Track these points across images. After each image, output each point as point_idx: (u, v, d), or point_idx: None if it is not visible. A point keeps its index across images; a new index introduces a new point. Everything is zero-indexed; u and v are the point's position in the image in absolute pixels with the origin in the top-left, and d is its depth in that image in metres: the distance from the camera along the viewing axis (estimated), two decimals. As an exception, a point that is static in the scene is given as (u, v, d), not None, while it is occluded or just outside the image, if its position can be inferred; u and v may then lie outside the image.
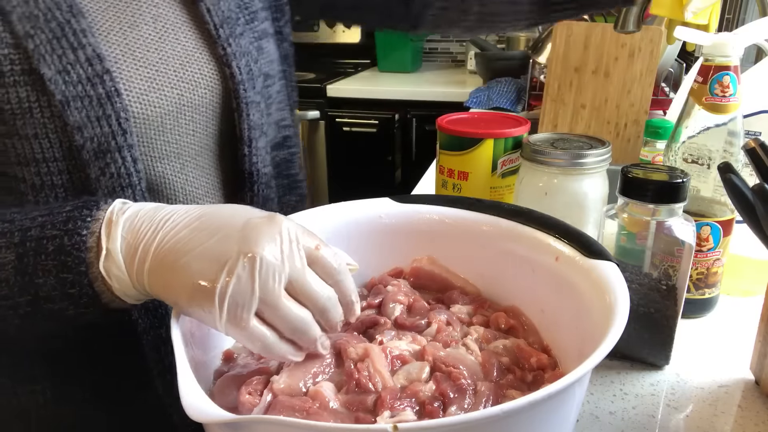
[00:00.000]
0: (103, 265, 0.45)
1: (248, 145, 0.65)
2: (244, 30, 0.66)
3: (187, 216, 0.45)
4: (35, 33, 0.52)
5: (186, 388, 0.37)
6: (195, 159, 0.63)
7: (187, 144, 0.62)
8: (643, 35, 1.29)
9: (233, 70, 0.63)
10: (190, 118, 0.62)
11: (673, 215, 0.59)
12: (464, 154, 0.74)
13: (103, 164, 0.54)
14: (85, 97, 0.53)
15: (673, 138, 0.70)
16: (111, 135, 0.54)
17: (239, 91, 0.63)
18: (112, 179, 0.55)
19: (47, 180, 0.54)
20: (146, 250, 0.44)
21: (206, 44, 0.63)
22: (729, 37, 0.65)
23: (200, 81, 0.62)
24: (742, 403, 0.58)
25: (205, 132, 0.63)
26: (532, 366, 0.49)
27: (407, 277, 0.62)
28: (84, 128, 0.53)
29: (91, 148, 0.54)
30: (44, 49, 0.52)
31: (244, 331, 0.42)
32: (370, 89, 2.42)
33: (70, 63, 0.53)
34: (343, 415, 0.43)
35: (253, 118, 0.65)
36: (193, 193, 0.64)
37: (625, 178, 0.59)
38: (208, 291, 0.41)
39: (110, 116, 0.54)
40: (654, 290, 0.59)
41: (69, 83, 0.52)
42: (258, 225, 0.43)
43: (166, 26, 0.61)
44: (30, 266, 0.46)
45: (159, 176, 0.61)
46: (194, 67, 0.62)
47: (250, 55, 0.66)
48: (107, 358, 0.61)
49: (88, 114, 0.53)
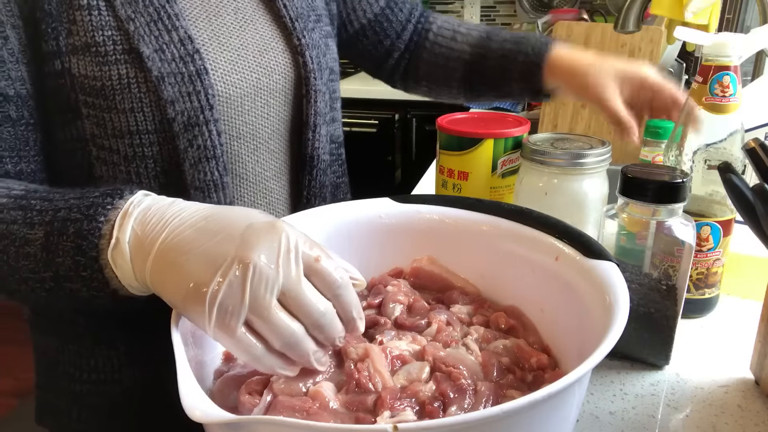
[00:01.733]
0: (110, 253, 0.46)
1: (313, 131, 0.71)
2: (315, 26, 0.73)
3: (195, 215, 0.45)
4: (135, 16, 0.58)
5: (186, 388, 0.37)
6: (267, 142, 0.69)
7: (261, 126, 0.68)
8: (643, 35, 1.29)
9: (306, 59, 0.70)
10: (265, 101, 0.68)
11: (673, 215, 0.59)
12: (464, 154, 0.74)
13: (191, 136, 0.60)
14: (178, 74, 0.59)
15: (673, 138, 0.70)
16: (200, 109, 0.59)
17: (310, 79, 0.70)
18: (198, 150, 0.60)
19: (139, 151, 0.60)
20: (152, 244, 0.44)
21: (282, 35, 0.70)
22: (729, 37, 0.65)
23: (276, 68, 0.69)
24: (742, 403, 0.58)
25: (278, 116, 0.70)
26: (532, 366, 0.49)
27: (407, 277, 0.62)
28: (176, 102, 0.59)
29: (181, 121, 0.59)
30: (143, 30, 0.58)
31: (232, 339, 0.41)
32: (370, 89, 2.42)
33: (165, 43, 0.59)
34: (343, 415, 0.43)
35: (320, 106, 0.71)
36: (263, 174, 0.70)
37: (625, 178, 0.59)
38: (200, 294, 0.40)
39: (199, 92, 0.59)
40: (654, 290, 0.59)
41: (164, 61, 0.58)
42: (258, 230, 0.42)
43: (245, 17, 0.68)
44: (53, 245, 0.48)
45: (235, 155, 0.66)
46: (271, 54, 0.68)
47: (319, 48, 0.72)
48: None
49: (180, 89, 0.59)
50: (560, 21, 1.39)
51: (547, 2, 2.62)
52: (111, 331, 0.67)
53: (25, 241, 0.49)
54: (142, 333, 0.65)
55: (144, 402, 0.68)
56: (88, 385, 0.68)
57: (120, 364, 0.67)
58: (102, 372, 0.67)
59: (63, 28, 0.57)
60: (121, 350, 0.67)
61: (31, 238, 0.49)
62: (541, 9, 2.62)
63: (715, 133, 0.67)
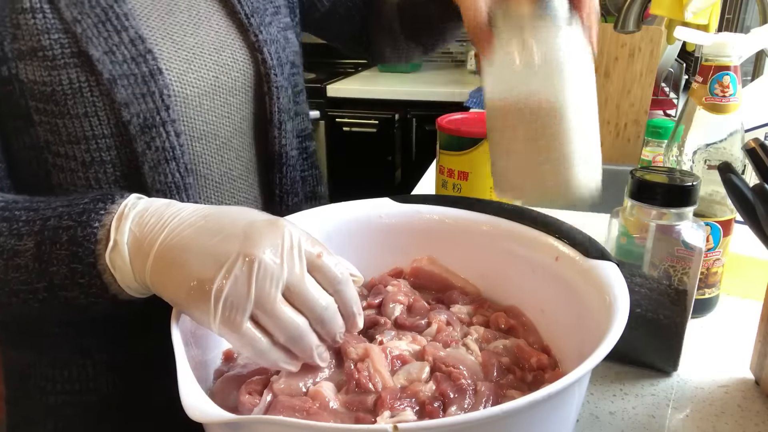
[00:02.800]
0: (108, 255, 0.45)
1: (278, 128, 0.70)
2: (273, 20, 0.71)
3: (194, 214, 0.45)
4: (82, 18, 0.56)
5: (186, 388, 0.37)
6: (230, 141, 0.67)
7: (222, 125, 0.66)
8: (643, 35, 1.29)
9: (264, 56, 0.68)
10: (225, 100, 0.66)
11: (683, 219, 0.58)
12: (464, 154, 0.74)
13: (148, 138, 0.58)
14: (130, 75, 0.57)
15: (674, 138, 0.70)
16: (156, 110, 0.58)
17: (270, 75, 0.68)
18: (157, 152, 0.58)
19: (96, 156, 0.58)
20: (151, 244, 0.44)
21: (238, 32, 0.68)
22: (729, 37, 0.65)
23: (234, 65, 0.67)
24: (742, 403, 0.58)
25: (239, 114, 0.68)
26: (532, 366, 0.49)
27: (407, 277, 0.62)
28: (130, 104, 0.57)
29: (137, 123, 0.57)
30: (91, 32, 0.56)
31: (237, 334, 0.41)
32: (370, 89, 2.42)
33: (115, 44, 0.57)
34: (343, 415, 0.43)
35: (283, 102, 0.70)
36: (229, 174, 0.68)
37: (636, 181, 0.58)
38: (204, 290, 0.41)
39: (154, 93, 0.58)
40: (664, 295, 0.58)
41: (115, 63, 0.56)
42: (260, 228, 0.43)
43: (200, 14, 0.66)
44: (46, 254, 0.47)
45: (198, 156, 0.64)
46: (228, 52, 0.66)
47: (278, 43, 0.71)
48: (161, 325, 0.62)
49: (134, 91, 0.57)
50: (560, 21, 1.39)
51: (547, 2, 2.62)
52: (84, 340, 0.65)
53: (14, 252, 0.48)
54: (117, 340, 0.64)
55: (123, 409, 0.66)
56: (63, 395, 0.65)
57: (95, 373, 0.65)
58: (77, 382, 0.65)
59: (7, 33, 0.55)
60: (96, 358, 0.65)
61: (21, 249, 0.48)
62: (541, 9, 2.62)
63: (715, 133, 0.67)
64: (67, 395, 0.65)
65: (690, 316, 0.59)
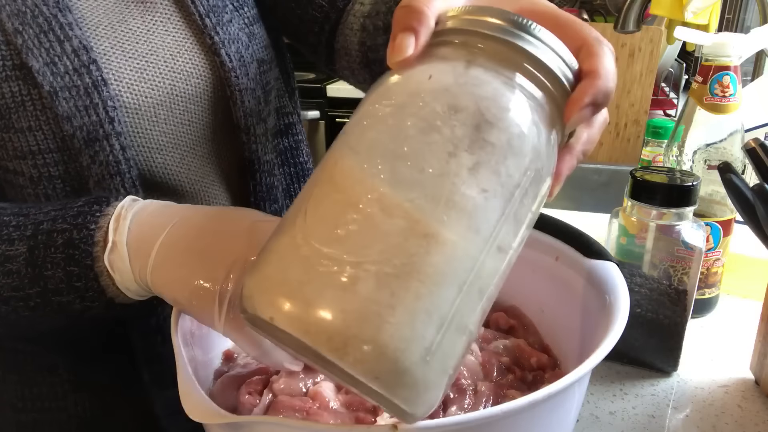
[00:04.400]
0: (107, 257, 0.45)
1: (246, 133, 0.65)
2: (233, 17, 0.66)
3: (195, 215, 0.45)
4: (23, 29, 0.54)
5: (186, 388, 0.37)
6: (194, 149, 0.64)
7: (184, 134, 0.62)
8: (643, 35, 1.29)
9: (223, 59, 0.63)
10: (185, 108, 0.62)
11: (683, 219, 0.58)
12: (464, 154, 0.74)
13: (92, 152, 0.55)
14: (72, 87, 0.54)
15: (674, 138, 0.70)
16: (99, 123, 0.55)
17: (231, 78, 0.63)
18: (102, 167, 0.56)
19: (44, 171, 0.56)
20: (152, 245, 0.44)
21: (194, 34, 0.63)
22: (729, 37, 0.65)
23: (191, 71, 0.62)
24: (742, 403, 0.58)
25: (202, 122, 0.64)
26: (532, 366, 0.49)
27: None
28: (73, 118, 0.54)
29: (80, 137, 0.55)
30: (32, 43, 0.54)
31: (242, 334, 0.41)
32: (370, 89, 2.41)
33: (57, 55, 0.54)
34: (344, 415, 0.43)
35: (249, 105, 0.65)
36: (199, 183, 0.64)
37: (636, 180, 0.58)
38: (208, 291, 0.41)
39: (97, 105, 0.55)
40: (664, 295, 0.58)
41: (56, 74, 0.54)
42: (264, 229, 0.42)
43: (154, 19, 0.62)
44: (40, 258, 0.46)
45: (160, 167, 0.61)
46: (185, 57, 0.62)
47: (240, 42, 0.65)
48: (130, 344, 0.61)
49: (76, 104, 0.54)
50: (560, 21, 1.39)
51: (547, 2, 2.62)
52: (53, 357, 0.63)
53: (5, 258, 0.47)
54: (85, 358, 0.63)
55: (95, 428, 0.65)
56: (34, 413, 0.64)
57: (64, 391, 0.63)
58: (46, 400, 0.63)
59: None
60: (63, 377, 0.63)
61: (12, 254, 0.47)
62: (541, 9, 2.62)
63: (715, 133, 0.67)
64: (38, 413, 0.63)
65: (690, 316, 0.59)
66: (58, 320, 0.50)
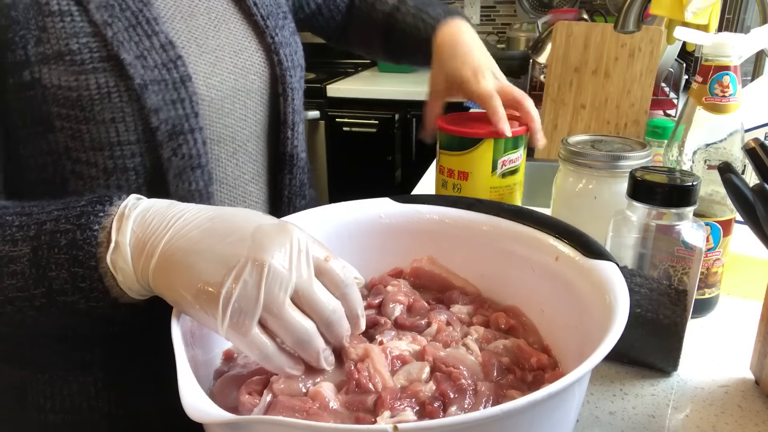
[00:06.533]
0: (110, 257, 0.45)
1: (291, 129, 0.70)
2: (285, 23, 0.72)
3: (199, 216, 0.45)
4: (113, 21, 0.55)
5: (186, 388, 0.37)
6: (245, 144, 0.67)
7: (239, 129, 0.66)
8: (643, 35, 1.29)
9: (281, 57, 0.69)
10: (243, 103, 0.66)
11: (683, 219, 0.58)
12: (464, 154, 0.74)
13: (175, 145, 0.57)
14: (161, 81, 0.56)
15: (674, 138, 0.70)
16: (185, 117, 0.57)
17: (286, 77, 0.69)
18: (183, 160, 0.58)
19: (120, 163, 0.57)
20: (155, 246, 0.44)
21: (255, 34, 0.69)
22: (729, 37, 0.65)
23: (251, 68, 0.67)
24: (742, 403, 0.58)
25: (255, 117, 0.68)
26: (532, 366, 0.49)
27: (407, 277, 0.62)
28: (160, 111, 0.56)
29: (165, 130, 0.57)
30: (122, 36, 0.55)
31: (245, 338, 0.41)
32: (370, 89, 2.42)
33: (146, 49, 0.56)
34: (343, 416, 0.43)
35: (296, 103, 0.71)
36: (242, 178, 0.68)
37: (635, 180, 0.58)
38: (212, 294, 0.41)
39: (184, 99, 0.57)
40: (664, 295, 0.58)
41: (147, 68, 0.56)
42: (269, 232, 0.42)
43: (218, 17, 0.66)
44: (44, 259, 0.46)
45: (215, 160, 0.64)
46: (246, 54, 0.67)
47: (290, 46, 0.72)
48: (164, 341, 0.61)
49: (164, 97, 0.56)
50: (560, 21, 1.39)
51: (547, 2, 2.62)
52: (87, 354, 0.62)
53: (9, 259, 0.47)
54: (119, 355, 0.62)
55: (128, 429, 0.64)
56: (62, 414, 0.63)
57: (97, 390, 0.62)
58: (77, 399, 0.62)
59: (32, 36, 0.53)
60: (98, 375, 0.62)
61: (16, 255, 0.47)
62: (541, 9, 2.62)
63: (715, 133, 0.67)
64: (67, 413, 0.63)
65: (690, 316, 0.59)
66: (64, 320, 0.50)
